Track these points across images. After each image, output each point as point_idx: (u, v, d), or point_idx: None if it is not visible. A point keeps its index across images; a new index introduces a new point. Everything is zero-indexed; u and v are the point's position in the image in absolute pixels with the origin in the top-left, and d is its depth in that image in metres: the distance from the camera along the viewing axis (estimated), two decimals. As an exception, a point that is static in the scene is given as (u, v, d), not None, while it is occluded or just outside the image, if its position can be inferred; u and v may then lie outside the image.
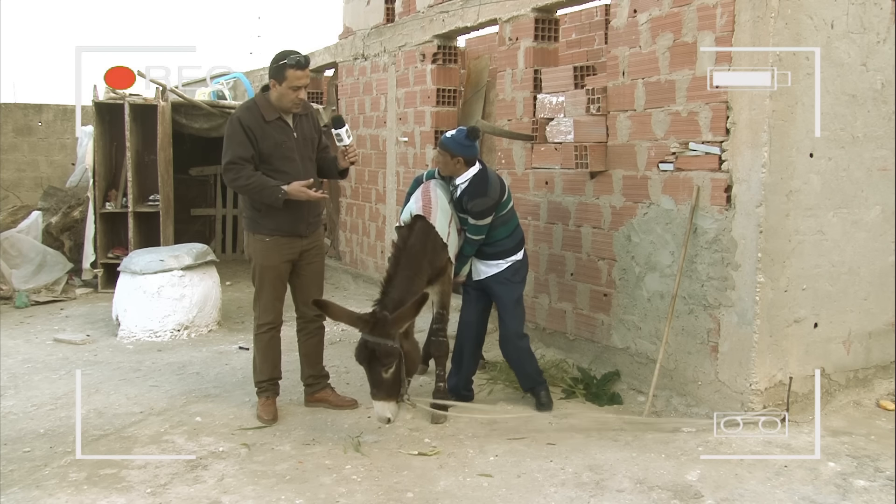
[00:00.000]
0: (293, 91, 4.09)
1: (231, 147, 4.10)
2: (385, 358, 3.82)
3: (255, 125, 4.10)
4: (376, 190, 8.06)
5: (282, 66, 4.05)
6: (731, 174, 4.11)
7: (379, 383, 3.87)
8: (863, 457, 3.72)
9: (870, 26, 4.21)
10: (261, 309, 4.35)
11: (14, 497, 3.39)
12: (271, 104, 4.15)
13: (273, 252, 4.25)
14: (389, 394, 3.87)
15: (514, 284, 4.48)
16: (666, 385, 4.46)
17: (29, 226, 8.58)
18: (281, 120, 4.18)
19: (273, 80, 4.10)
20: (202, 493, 3.43)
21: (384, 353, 3.81)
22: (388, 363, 3.83)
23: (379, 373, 3.85)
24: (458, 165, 4.34)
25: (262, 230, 4.24)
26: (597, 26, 7.36)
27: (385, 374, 3.85)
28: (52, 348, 5.93)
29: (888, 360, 4.57)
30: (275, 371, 4.41)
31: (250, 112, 4.14)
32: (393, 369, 3.86)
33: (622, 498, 3.36)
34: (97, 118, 8.02)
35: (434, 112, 6.99)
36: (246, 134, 4.08)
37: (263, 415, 4.30)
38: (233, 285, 8.51)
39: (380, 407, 3.89)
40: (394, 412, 3.90)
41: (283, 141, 4.17)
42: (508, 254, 4.46)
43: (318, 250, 4.48)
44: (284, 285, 4.38)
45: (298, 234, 4.28)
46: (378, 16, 7.94)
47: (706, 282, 4.26)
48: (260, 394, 4.41)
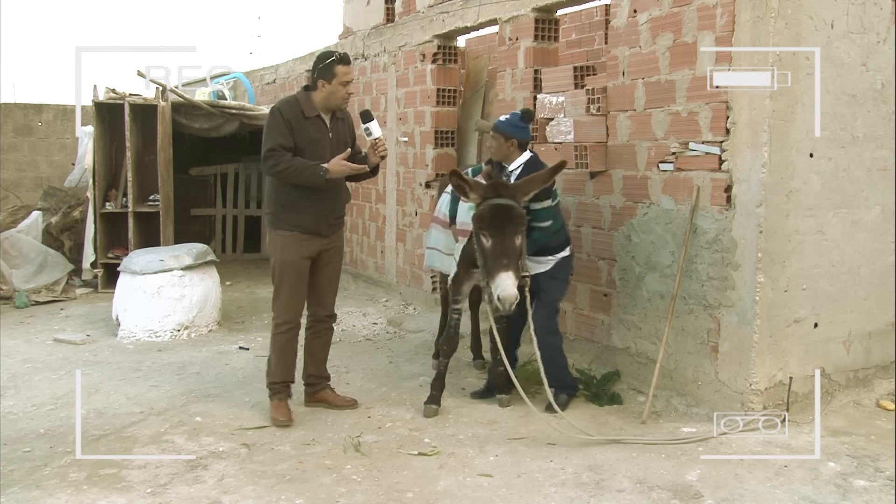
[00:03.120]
0: (343, 87, 4.20)
1: (271, 136, 4.14)
2: (520, 219, 3.63)
3: (294, 118, 4.16)
4: (376, 190, 8.06)
5: (330, 64, 4.15)
6: (731, 174, 4.11)
7: (510, 252, 3.65)
8: (863, 457, 3.72)
9: (870, 26, 4.21)
10: (279, 307, 4.33)
11: (14, 497, 3.39)
12: (312, 103, 4.23)
13: (292, 248, 4.25)
14: (516, 267, 3.67)
15: (559, 282, 4.44)
16: (666, 385, 4.46)
17: (29, 226, 8.58)
18: (319, 118, 4.25)
19: (322, 81, 4.18)
20: (202, 493, 3.43)
21: (519, 215, 3.62)
22: (521, 227, 3.66)
23: (512, 238, 3.65)
24: (511, 149, 4.32)
25: (283, 226, 4.26)
26: (597, 26, 7.36)
27: (516, 241, 3.67)
28: (52, 348, 5.93)
29: (888, 360, 4.57)
30: (288, 374, 4.39)
31: (291, 106, 4.21)
32: (520, 240, 3.68)
33: (622, 498, 3.36)
34: (97, 118, 8.02)
35: (434, 112, 6.99)
36: (286, 125, 4.14)
37: (279, 416, 4.25)
38: (233, 285, 8.51)
39: (509, 281, 3.61)
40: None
41: (319, 139, 4.22)
42: (556, 250, 4.40)
43: (338, 251, 4.49)
44: (304, 283, 4.36)
45: (319, 233, 4.30)
46: (378, 16, 7.94)
47: (706, 282, 4.26)
48: (273, 395, 4.37)
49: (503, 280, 3.68)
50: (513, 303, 3.73)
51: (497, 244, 3.73)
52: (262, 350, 5.74)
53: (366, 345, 6.07)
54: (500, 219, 3.73)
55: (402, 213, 7.52)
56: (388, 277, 7.88)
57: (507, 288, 3.67)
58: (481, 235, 3.87)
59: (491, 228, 3.76)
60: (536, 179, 3.93)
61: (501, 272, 3.69)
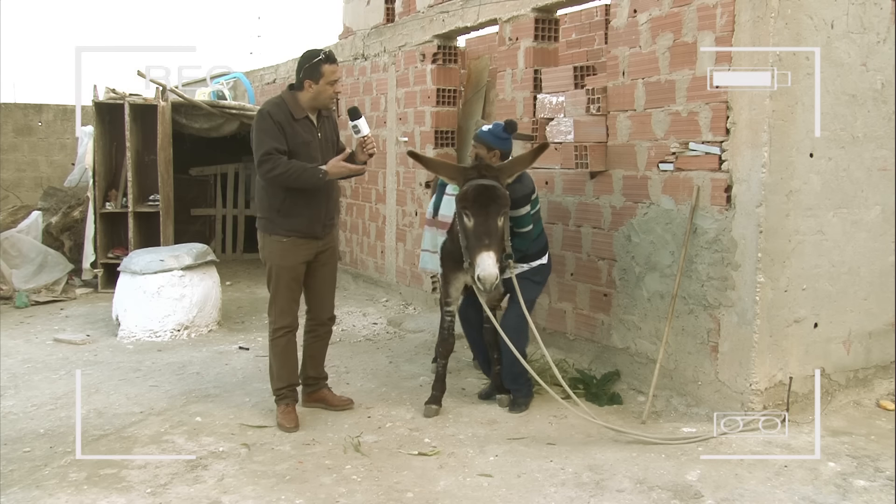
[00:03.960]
0: (330, 86, 4.14)
1: (264, 140, 4.07)
2: (503, 200, 3.63)
3: (284, 121, 4.11)
4: (376, 190, 8.05)
5: (317, 64, 4.08)
6: (731, 174, 4.11)
7: (492, 232, 3.65)
8: (863, 457, 3.72)
9: (870, 26, 4.21)
10: (277, 312, 4.30)
11: (14, 497, 3.39)
12: (299, 103, 4.16)
13: (290, 253, 4.22)
14: (498, 248, 3.67)
15: (534, 284, 4.48)
16: (666, 385, 4.46)
17: (29, 226, 8.59)
18: (307, 119, 4.19)
19: (308, 81, 4.11)
20: (202, 493, 3.43)
21: (502, 195, 3.62)
22: (504, 209, 3.66)
23: (494, 218, 3.65)
24: (494, 159, 4.34)
25: (278, 231, 4.21)
26: (597, 26, 7.36)
27: (498, 222, 3.67)
28: (52, 348, 5.93)
29: (888, 360, 4.57)
30: (293, 377, 4.37)
31: (279, 108, 4.14)
32: (502, 222, 3.68)
33: (622, 498, 3.36)
34: (97, 118, 8.02)
35: (434, 112, 6.99)
36: (277, 128, 4.08)
37: (286, 423, 4.20)
38: (233, 285, 8.51)
39: (490, 261, 3.63)
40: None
41: (310, 141, 4.18)
42: (534, 258, 4.47)
43: (333, 252, 4.48)
44: (300, 287, 4.34)
45: (315, 235, 4.27)
46: (378, 16, 7.94)
47: (706, 282, 4.26)
48: (279, 401, 4.33)
49: (484, 260, 3.68)
50: (493, 283, 3.75)
51: (479, 224, 3.74)
52: (262, 350, 5.74)
53: (366, 345, 6.07)
54: (483, 199, 3.73)
55: (402, 213, 7.52)
56: (388, 277, 7.88)
57: (487, 268, 3.67)
58: (464, 215, 3.87)
59: (474, 208, 3.77)
60: (519, 161, 3.94)
61: (483, 252, 3.70)
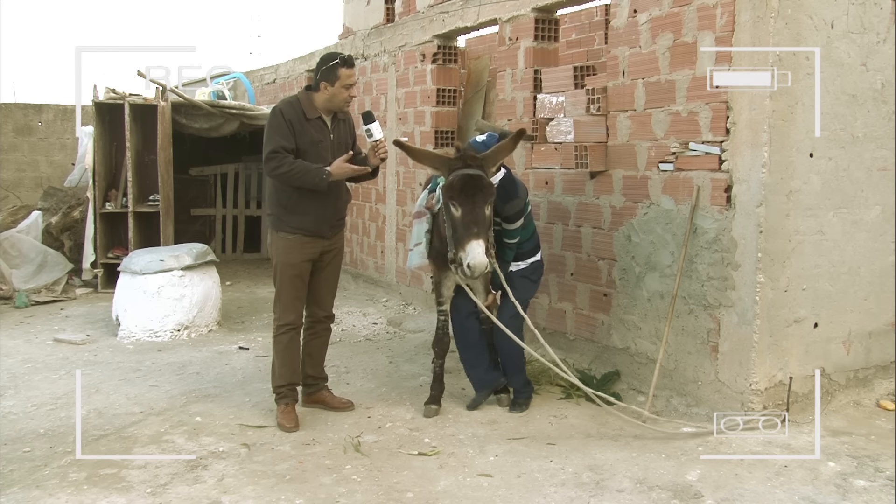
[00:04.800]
0: (346, 89, 4.17)
1: (273, 137, 4.11)
2: (489, 189, 3.65)
3: (295, 120, 4.14)
4: (376, 190, 8.06)
5: (334, 67, 4.12)
6: (731, 174, 4.11)
7: (480, 220, 3.66)
8: (863, 457, 3.72)
9: (870, 26, 4.21)
10: (281, 309, 4.32)
11: (14, 497, 3.39)
12: (313, 104, 4.19)
13: (295, 250, 4.24)
14: (486, 237, 3.69)
15: (531, 283, 4.53)
16: (666, 385, 4.46)
17: (29, 226, 8.58)
18: (321, 120, 4.22)
19: (324, 83, 4.14)
20: (202, 493, 3.43)
21: (488, 185, 3.64)
22: (491, 198, 3.68)
23: (482, 207, 3.66)
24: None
25: (285, 228, 4.24)
26: (597, 26, 7.36)
27: (486, 210, 3.68)
28: (52, 348, 5.93)
29: (888, 360, 4.57)
30: (294, 376, 4.37)
31: (292, 107, 4.18)
32: (489, 211, 3.69)
33: (622, 498, 3.36)
34: (97, 118, 8.02)
35: (434, 112, 6.99)
36: (288, 126, 4.11)
37: (285, 422, 4.20)
38: (233, 285, 8.52)
39: (479, 249, 3.63)
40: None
41: (320, 141, 4.20)
42: (528, 255, 4.50)
43: (338, 252, 4.49)
44: (305, 284, 4.35)
45: (321, 234, 4.28)
46: (378, 16, 7.94)
47: (706, 282, 4.26)
48: (279, 400, 4.33)
49: (473, 248, 3.68)
50: (482, 271, 3.75)
51: (467, 213, 3.73)
52: (262, 350, 5.75)
53: (366, 345, 6.07)
54: (470, 188, 3.73)
55: (402, 213, 7.52)
56: (388, 277, 7.89)
57: (476, 256, 3.66)
58: (451, 205, 3.87)
59: (461, 197, 3.77)
60: (502, 150, 3.92)
61: (472, 240, 3.70)
